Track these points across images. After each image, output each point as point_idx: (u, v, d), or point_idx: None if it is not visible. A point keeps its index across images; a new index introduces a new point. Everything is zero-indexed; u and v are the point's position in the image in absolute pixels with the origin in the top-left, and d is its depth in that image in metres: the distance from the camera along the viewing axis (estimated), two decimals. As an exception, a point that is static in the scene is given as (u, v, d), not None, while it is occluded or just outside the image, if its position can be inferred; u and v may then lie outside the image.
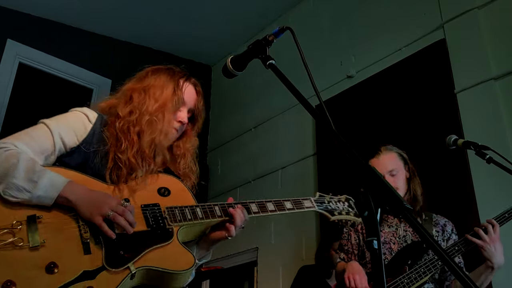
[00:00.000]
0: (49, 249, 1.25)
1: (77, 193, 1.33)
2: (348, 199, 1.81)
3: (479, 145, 2.24)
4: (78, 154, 1.45)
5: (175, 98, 1.59)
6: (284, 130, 4.55)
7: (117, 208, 1.32)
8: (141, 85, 1.61)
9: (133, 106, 1.55)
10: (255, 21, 4.97)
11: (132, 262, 1.30)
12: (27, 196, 1.28)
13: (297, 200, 1.67)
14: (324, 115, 1.12)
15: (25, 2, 4.37)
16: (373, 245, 0.87)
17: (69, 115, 1.54)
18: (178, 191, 1.53)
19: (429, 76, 3.43)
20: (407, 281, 2.12)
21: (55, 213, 1.31)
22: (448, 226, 2.35)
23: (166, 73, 1.66)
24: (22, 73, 4.45)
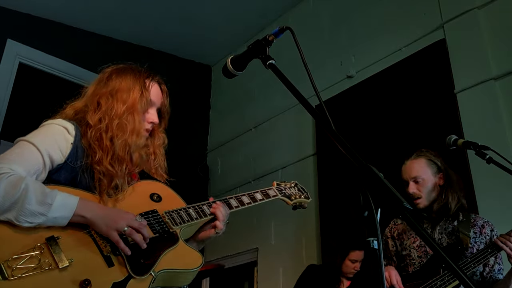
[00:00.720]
0: (77, 267, 1.27)
1: (91, 210, 1.35)
2: (295, 183, 2.03)
3: (479, 145, 2.24)
4: (65, 170, 1.44)
5: (143, 99, 1.59)
6: (284, 130, 4.55)
7: (133, 223, 1.36)
8: (106, 89, 1.61)
9: (102, 112, 1.54)
10: (255, 21, 4.97)
11: (153, 268, 1.37)
12: (42, 220, 1.28)
13: (263, 191, 1.85)
14: (324, 115, 1.12)
15: (25, 2, 4.37)
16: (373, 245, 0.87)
17: (49, 129, 1.50)
18: (167, 196, 1.60)
19: (429, 76, 3.43)
20: (440, 283, 2.12)
21: (71, 231, 1.33)
22: (486, 228, 2.30)
23: (131, 74, 1.67)
24: (22, 73, 4.45)
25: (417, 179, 2.34)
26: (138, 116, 1.56)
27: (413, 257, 2.30)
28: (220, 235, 1.60)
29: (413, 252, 2.31)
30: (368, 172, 0.92)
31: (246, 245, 4.39)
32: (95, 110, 1.56)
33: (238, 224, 4.37)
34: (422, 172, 2.37)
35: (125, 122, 1.53)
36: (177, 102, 1.84)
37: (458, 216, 2.32)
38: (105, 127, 1.51)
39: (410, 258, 2.31)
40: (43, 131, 1.49)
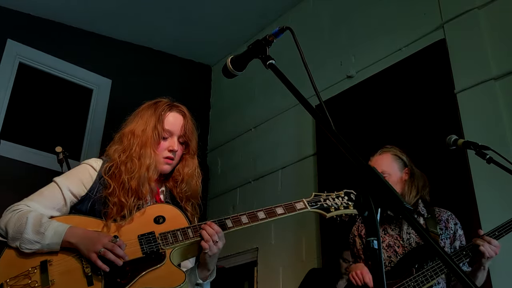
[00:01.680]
0: (57, 286, 1.48)
1: (77, 235, 1.54)
2: (348, 192, 1.83)
3: (479, 145, 2.24)
4: (87, 201, 1.65)
5: (156, 132, 1.73)
6: (284, 130, 4.55)
7: (107, 245, 1.50)
8: (130, 127, 1.78)
9: (122, 148, 1.73)
10: (255, 21, 4.97)
11: (128, 286, 1.48)
12: (38, 247, 1.52)
13: (289, 204, 1.73)
14: (324, 115, 1.12)
15: (25, 2, 4.38)
16: (373, 245, 0.87)
17: (77, 168, 1.75)
18: (173, 217, 1.67)
19: (429, 76, 3.42)
20: (413, 284, 2.11)
21: (62, 255, 1.54)
22: (451, 221, 2.31)
23: (151, 108, 1.80)
24: (22, 73, 4.45)
25: (383, 174, 2.34)
26: (149, 149, 1.70)
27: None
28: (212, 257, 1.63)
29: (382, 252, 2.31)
30: (368, 172, 0.92)
31: (246, 245, 4.39)
32: (117, 147, 1.75)
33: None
34: (388, 167, 2.36)
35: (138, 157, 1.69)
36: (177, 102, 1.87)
37: (423, 213, 2.32)
38: (122, 162, 1.69)
39: None
40: (72, 171, 1.76)
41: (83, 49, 4.84)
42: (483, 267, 2.09)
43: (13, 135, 4.21)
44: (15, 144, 4.17)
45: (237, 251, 4.46)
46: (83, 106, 4.80)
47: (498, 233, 2.13)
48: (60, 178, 1.69)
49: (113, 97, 4.86)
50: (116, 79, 4.92)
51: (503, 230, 2.14)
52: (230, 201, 4.82)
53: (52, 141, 4.30)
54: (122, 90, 4.88)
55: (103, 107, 4.80)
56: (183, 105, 1.87)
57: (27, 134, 4.35)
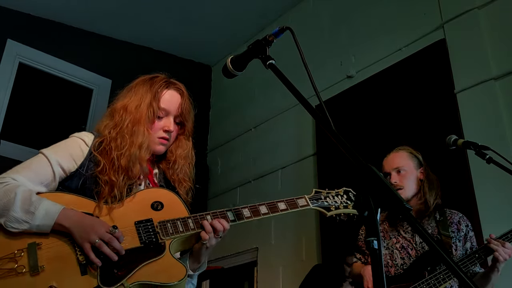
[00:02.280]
0: (48, 273, 1.34)
1: (71, 219, 1.40)
2: (346, 191, 1.80)
3: (479, 145, 2.24)
4: (77, 178, 1.53)
5: (151, 109, 1.62)
6: (284, 130, 4.55)
7: (104, 236, 1.39)
8: (122, 102, 1.67)
9: (113, 124, 1.61)
10: (255, 21, 4.97)
11: (125, 279, 1.38)
12: (26, 227, 1.37)
13: (291, 200, 1.68)
14: (324, 115, 1.12)
15: (25, 2, 4.37)
16: (373, 245, 0.87)
17: (68, 141, 1.61)
18: (171, 204, 1.58)
19: (429, 76, 3.42)
20: (426, 287, 2.11)
21: (53, 239, 1.40)
22: (462, 223, 2.32)
23: (147, 84, 1.69)
24: (22, 73, 4.45)
25: (400, 169, 2.35)
26: (143, 127, 1.59)
27: (395, 258, 2.28)
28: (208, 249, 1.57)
29: (395, 253, 2.29)
30: (368, 172, 0.92)
31: (246, 245, 4.39)
32: (108, 122, 1.64)
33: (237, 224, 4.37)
34: (405, 163, 2.38)
35: (129, 134, 1.57)
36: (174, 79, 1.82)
37: (435, 215, 2.32)
38: (113, 138, 1.57)
39: (393, 258, 2.29)
40: (61, 143, 1.60)
41: (83, 49, 4.83)
42: (497, 269, 2.10)
43: (13, 135, 4.21)
44: (15, 144, 4.17)
45: (237, 251, 4.46)
46: (83, 106, 4.80)
47: (511, 236, 2.13)
48: (49, 151, 1.54)
49: (113, 97, 4.84)
50: (116, 79, 4.91)
51: None
52: (230, 200, 4.81)
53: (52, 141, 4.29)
54: (122, 90, 4.88)
55: (103, 107, 4.78)
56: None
57: (27, 134, 4.35)
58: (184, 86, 1.77)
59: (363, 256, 2.44)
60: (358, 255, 2.47)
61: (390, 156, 2.43)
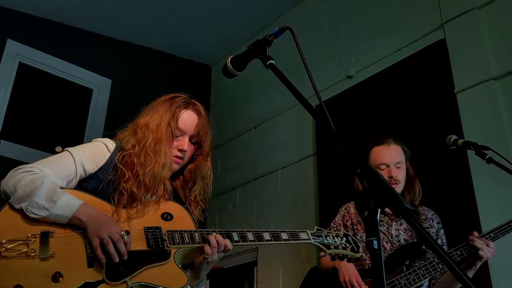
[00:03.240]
0: (56, 260, 1.41)
1: (89, 214, 1.48)
2: (346, 234, 1.89)
3: (479, 145, 2.24)
4: (95, 180, 1.60)
5: (169, 129, 1.70)
6: (284, 130, 4.55)
7: (113, 235, 1.45)
8: (145, 119, 1.74)
9: (136, 140, 1.69)
10: (255, 21, 4.97)
11: (129, 277, 1.44)
12: (46, 214, 1.44)
13: (293, 232, 1.81)
14: (324, 115, 1.12)
15: (25, 2, 4.37)
16: (373, 245, 0.87)
17: (92, 144, 1.70)
18: (180, 217, 1.65)
19: (429, 76, 3.42)
20: (405, 282, 2.10)
21: (67, 230, 1.48)
22: (434, 220, 2.34)
23: (167, 103, 1.76)
24: (22, 73, 4.45)
25: (398, 165, 2.35)
26: (164, 146, 1.67)
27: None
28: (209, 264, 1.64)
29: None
30: (368, 172, 0.92)
31: (246, 245, 4.38)
32: (131, 137, 1.71)
33: (237, 224, 4.37)
34: (401, 158, 2.38)
35: (153, 153, 1.65)
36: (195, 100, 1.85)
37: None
38: (136, 154, 1.65)
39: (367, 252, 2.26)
40: (86, 145, 1.70)
41: (83, 49, 4.83)
42: (475, 267, 2.09)
43: (13, 135, 4.21)
44: (15, 144, 4.17)
45: (237, 251, 4.46)
46: (83, 106, 4.80)
47: (494, 235, 2.13)
48: (75, 150, 1.63)
49: (113, 97, 4.85)
50: (116, 79, 4.92)
51: (499, 232, 2.15)
52: (230, 200, 4.82)
53: (52, 141, 4.30)
54: (122, 90, 4.88)
55: (103, 107, 4.80)
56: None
57: (27, 134, 4.35)
58: (203, 107, 1.84)
59: None
60: None
61: (384, 147, 2.39)
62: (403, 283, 2.10)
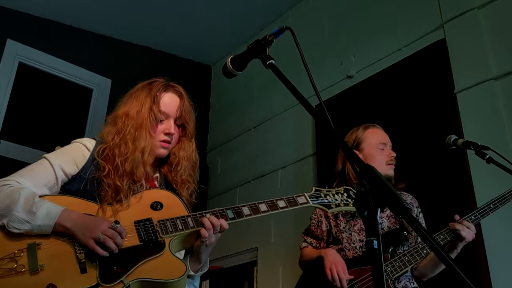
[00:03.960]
0: (47, 272, 1.36)
1: (72, 219, 1.43)
2: (347, 189, 1.82)
3: (479, 145, 2.24)
4: (78, 181, 1.56)
5: (152, 114, 1.65)
6: (284, 130, 4.55)
7: (107, 232, 1.41)
8: (124, 108, 1.69)
9: (116, 131, 1.64)
10: (255, 21, 4.97)
11: (125, 276, 1.39)
12: (28, 227, 1.39)
13: (291, 198, 1.70)
14: (324, 115, 1.12)
15: (25, 2, 4.37)
16: (373, 245, 0.87)
17: (70, 146, 1.65)
18: (170, 204, 1.60)
19: (429, 76, 3.42)
20: (390, 269, 2.11)
21: (53, 239, 1.42)
22: (414, 205, 2.38)
23: (146, 89, 1.72)
24: (22, 73, 4.45)
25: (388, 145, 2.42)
26: (145, 132, 1.62)
27: (354, 241, 2.27)
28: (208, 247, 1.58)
29: (354, 236, 2.28)
30: (368, 172, 0.92)
31: (246, 244, 4.39)
32: (111, 129, 1.67)
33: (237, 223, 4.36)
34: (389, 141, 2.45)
35: (132, 140, 1.60)
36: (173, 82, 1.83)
37: None
38: (116, 145, 1.60)
39: (350, 241, 2.27)
40: (64, 148, 1.65)
41: (83, 49, 4.83)
42: (457, 250, 2.12)
43: (13, 135, 4.21)
44: (15, 144, 4.17)
45: (237, 250, 4.45)
46: (83, 106, 4.80)
47: (474, 218, 2.15)
48: (52, 156, 1.59)
49: (113, 97, 4.85)
50: (116, 79, 4.91)
51: (479, 214, 2.17)
52: (230, 200, 4.81)
53: (52, 141, 4.30)
54: (122, 90, 4.87)
55: (103, 107, 4.80)
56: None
57: (27, 134, 4.35)
58: (183, 88, 1.79)
59: (316, 241, 2.44)
60: (309, 239, 2.47)
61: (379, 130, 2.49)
62: (389, 270, 2.11)
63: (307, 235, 2.52)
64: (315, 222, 2.49)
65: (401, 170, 2.50)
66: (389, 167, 2.38)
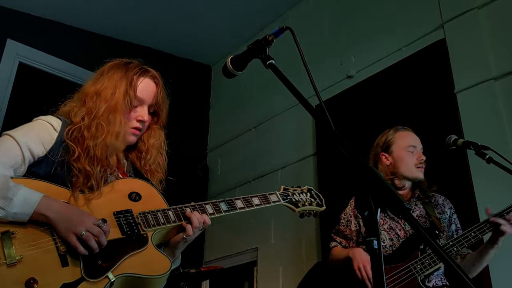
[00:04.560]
0: (26, 265, 1.25)
1: (54, 209, 1.32)
2: (309, 189, 1.87)
3: (479, 145, 2.25)
4: (46, 164, 1.44)
5: (127, 98, 1.56)
6: (284, 130, 4.55)
7: (92, 229, 1.32)
8: (94, 87, 1.59)
9: (86, 111, 1.53)
10: (255, 21, 4.97)
11: (110, 271, 1.33)
12: (2, 214, 1.27)
13: (264, 195, 1.72)
14: (324, 115, 1.12)
15: (25, 2, 4.37)
16: (373, 245, 0.87)
17: (35, 124, 1.51)
18: (148, 195, 1.54)
19: (429, 76, 3.42)
20: (420, 267, 2.11)
21: (29, 228, 1.31)
22: (446, 206, 2.37)
23: (121, 70, 1.63)
24: (22, 73, 4.45)
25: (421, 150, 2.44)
26: (119, 116, 1.53)
27: (383, 239, 2.28)
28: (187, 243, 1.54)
29: (384, 234, 2.30)
30: (368, 172, 0.92)
31: (246, 244, 4.39)
32: (80, 108, 1.55)
33: (237, 223, 4.37)
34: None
35: (106, 123, 1.50)
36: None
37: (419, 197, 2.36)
38: (86, 126, 1.49)
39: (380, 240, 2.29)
40: (28, 126, 1.50)
41: (83, 49, 4.83)
42: (497, 244, 2.13)
43: (13, 135, 4.21)
44: (15, 144, 4.17)
45: (237, 251, 4.45)
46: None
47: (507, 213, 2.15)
48: (17, 133, 1.44)
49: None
50: (116, 79, 4.91)
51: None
52: (230, 201, 4.81)
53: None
54: (122, 90, 4.88)
55: (103, 107, 4.80)
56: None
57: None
58: (159, 74, 1.71)
59: (345, 240, 2.44)
60: (339, 239, 2.48)
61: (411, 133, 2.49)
62: (418, 267, 2.11)
63: (336, 235, 2.52)
64: (345, 222, 2.50)
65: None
66: (419, 170, 2.39)
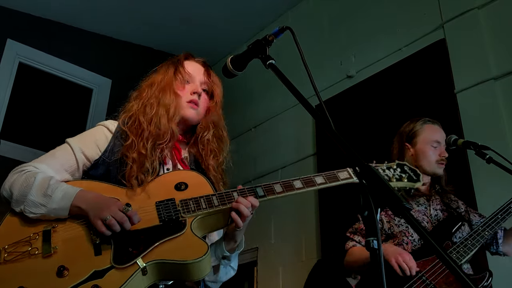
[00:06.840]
0: (60, 255, 1.33)
1: (87, 200, 1.38)
2: (400, 164, 1.62)
3: (479, 145, 2.24)
4: (102, 165, 1.51)
5: (178, 74, 1.64)
6: (284, 130, 4.55)
7: (116, 214, 1.34)
8: (147, 82, 1.68)
9: (142, 100, 1.61)
10: (255, 21, 4.97)
11: (140, 257, 1.31)
12: (44, 211, 1.37)
13: (330, 174, 1.54)
14: (324, 115, 1.12)
15: (25, 2, 4.38)
16: (373, 245, 0.87)
17: (92, 129, 1.62)
18: (196, 184, 1.52)
19: (429, 76, 3.42)
20: (456, 256, 2.02)
21: (69, 222, 1.40)
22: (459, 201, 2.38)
23: (169, 61, 1.73)
24: (22, 73, 4.45)
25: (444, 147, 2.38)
26: (169, 91, 1.59)
27: (411, 233, 2.20)
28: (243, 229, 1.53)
29: (411, 229, 2.21)
30: (368, 172, 0.92)
31: (246, 244, 4.36)
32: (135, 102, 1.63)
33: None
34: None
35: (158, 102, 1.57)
36: None
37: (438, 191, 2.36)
38: (141, 112, 1.57)
39: (408, 234, 2.20)
40: (86, 131, 1.62)
41: (83, 49, 4.84)
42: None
43: (13, 135, 4.21)
44: (15, 144, 4.18)
45: (237, 251, 4.45)
46: (83, 106, 4.80)
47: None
48: (73, 139, 1.55)
49: (113, 97, 4.86)
50: (116, 79, 4.92)
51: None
52: (230, 201, 4.81)
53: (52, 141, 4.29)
54: (122, 90, 4.87)
55: (103, 107, 4.80)
56: None
57: (27, 134, 4.35)
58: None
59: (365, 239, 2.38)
60: (358, 238, 2.31)
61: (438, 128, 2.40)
62: (454, 257, 2.01)
63: (354, 234, 2.34)
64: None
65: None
66: (439, 165, 2.33)
